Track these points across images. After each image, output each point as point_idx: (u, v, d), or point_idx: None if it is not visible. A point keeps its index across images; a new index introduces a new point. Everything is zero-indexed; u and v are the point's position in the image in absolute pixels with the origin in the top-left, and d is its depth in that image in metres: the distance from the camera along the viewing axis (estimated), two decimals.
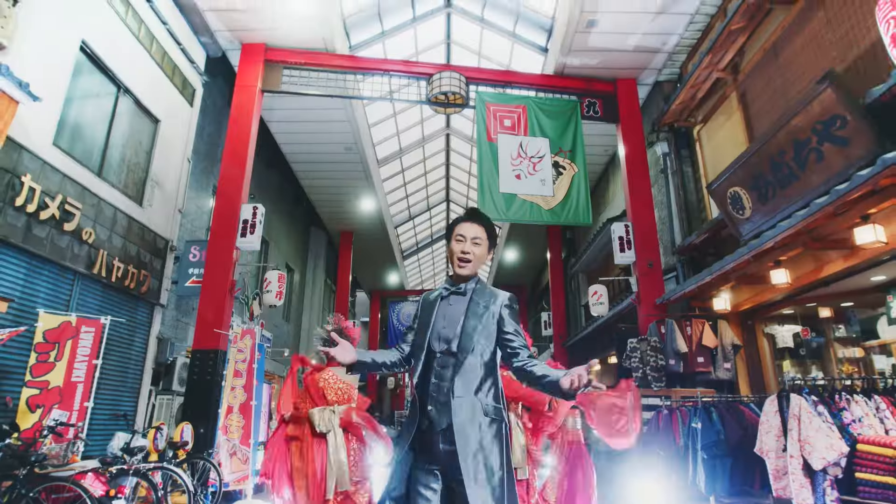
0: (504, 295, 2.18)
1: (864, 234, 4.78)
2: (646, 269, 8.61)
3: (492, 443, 1.92)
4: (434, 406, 1.99)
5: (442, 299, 2.18)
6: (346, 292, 17.91)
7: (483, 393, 2.00)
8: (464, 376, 1.99)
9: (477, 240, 2.16)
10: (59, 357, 5.36)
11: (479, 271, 2.23)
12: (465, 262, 2.14)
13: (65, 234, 5.68)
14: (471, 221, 2.19)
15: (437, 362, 2.06)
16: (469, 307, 2.11)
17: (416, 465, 1.98)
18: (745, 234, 6.59)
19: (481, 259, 2.18)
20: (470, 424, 1.92)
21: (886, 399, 4.14)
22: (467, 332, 2.05)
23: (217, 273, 7.45)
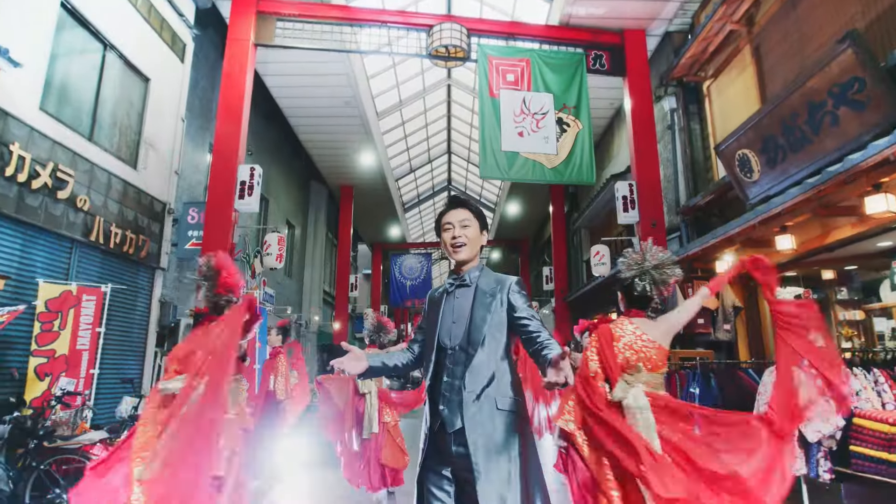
0: (510, 280, 2.09)
1: (876, 204, 4.66)
2: (649, 230, 8.50)
3: (505, 437, 1.85)
4: (446, 406, 1.92)
5: (448, 294, 2.11)
6: (347, 246, 17.91)
7: (496, 386, 1.92)
8: (475, 371, 1.92)
9: (465, 222, 2.09)
10: (63, 326, 5.40)
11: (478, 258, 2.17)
12: (458, 246, 2.08)
13: (59, 202, 5.58)
14: (455, 208, 2.14)
15: (448, 359, 1.99)
16: (476, 298, 2.04)
17: (428, 467, 1.94)
18: (751, 197, 6.46)
19: (475, 241, 2.11)
20: (481, 422, 1.85)
21: (885, 372, 4.15)
22: (476, 324, 1.98)
23: (216, 236, 7.38)
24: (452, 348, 1.99)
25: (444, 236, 2.12)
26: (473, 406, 1.87)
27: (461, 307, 2.05)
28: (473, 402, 1.88)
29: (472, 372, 1.92)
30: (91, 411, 5.28)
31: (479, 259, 2.16)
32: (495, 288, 2.05)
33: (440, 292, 2.17)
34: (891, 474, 3.45)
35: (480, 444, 1.81)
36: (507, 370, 1.97)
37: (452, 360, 1.97)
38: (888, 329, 6.78)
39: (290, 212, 14.93)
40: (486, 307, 2.01)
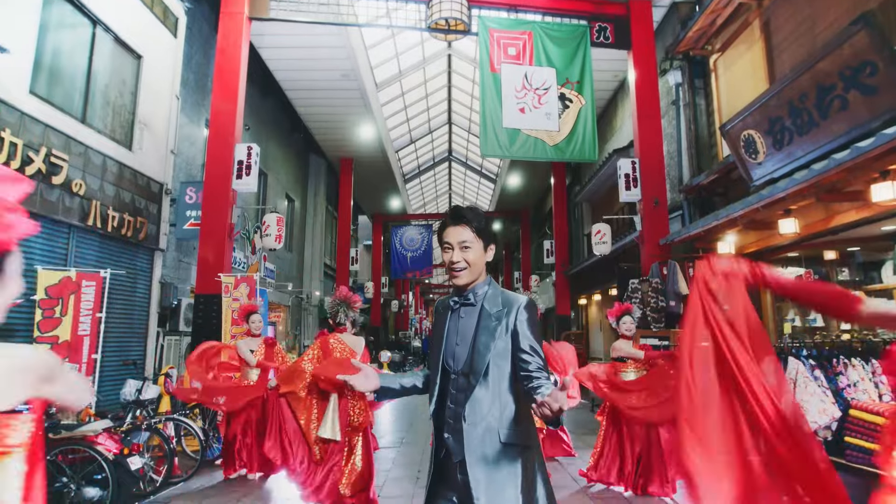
0: (520, 301, 1.88)
1: (883, 192, 4.59)
2: (651, 208, 8.44)
3: (508, 472, 1.73)
4: (451, 435, 1.80)
5: (452, 311, 1.94)
6: (347, 219, 17.85)
7: (499, 417, 1.78)
8: (476, 401, 1.78)
9: (466, 244, 1.86)
10: (64, 312, 5.42)
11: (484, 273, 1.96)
12: (457, 271, 1.87)
13: (54, 187, 5.52)
14: (454, 224, 1.90)
15: (452, 385, 1.85)
16: (480, 321, 1.86)
17: (435, 492, 1.86)
18: (755, 179, 6.37)
19: (478, 263, 1.89)
20: (483, 456, 1.75)
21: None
22: (479, 350, 1.81)
23: (214, 217, 7.33)
24: (455, 373, 1.86)
25: (444, 255, 1.93)
26: (475, 438, 1.76)
27: (465, 329, 1.89)
28: (475, 433, 1.77)
29: (474, 402, 1.79)
30: (95, 397, 5.34)
31: (485, 273, 1.96)
32: (502, 311, 1.86)
33: (445, 307, 1.99)
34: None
35: (482, 478, 1.71)
36: (512, 400, 1.82)
37: (456, 387, 1.84)
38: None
39: (289, 185, 14.81)
40: (490, 333, 1.83)
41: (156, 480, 4.83)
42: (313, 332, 16.44)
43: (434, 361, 1.93)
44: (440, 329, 1.95)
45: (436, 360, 1.91)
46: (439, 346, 1.92)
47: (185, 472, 5.31)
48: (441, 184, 26.37)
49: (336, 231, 18.50)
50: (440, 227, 1.98)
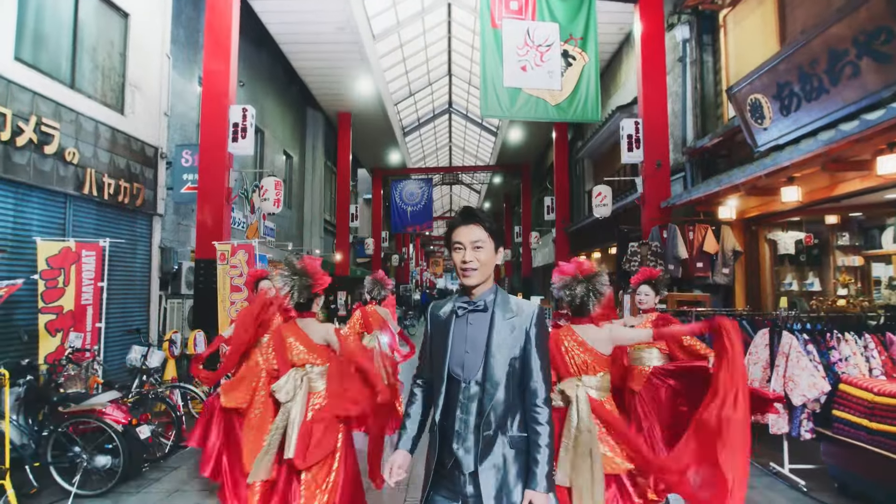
0: (530, 309, 1.85)
1: (889, 164, 4.52)
2: (653, 170, 8.32)
3: (517, 474, 1.77)
4: (461, 446, 1.77)
5: (458, 317, 1.86)
6: (346, 175, 17.66)
7: (512, 424, 1.80)
8: (492, 409, 1.76)
9: (478, 243, 1.81)
10: (67, 282, 5.44)
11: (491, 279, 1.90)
12: (469, 271, 1.82)
13: (47, 157, 5.43)
14: (466, 224, 1.84)
15: (461, 394, 1.79)
16: (493, 327, 1.81)
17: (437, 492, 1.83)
18: (760, 144, 6.25)
19: (489, 264, 1.84)
20: (496, 464, 1.75)
21: (876, 338, 4.22)
22: (496, 358, 1.77)
23: (211, 182, 7.25)
24: (466, 381, 1.80)
25: (454, 256, 1.86)
26: (488, 447, 1.75)
27: (476, 336, 1.82)
28: (488, 442, 1.75)
29: (489, 410, 1.76)
30: (101, 367, 5.45)
31: (491, 280, 1.90)
32: (515, 318, 1.83)
33: (447, 312, 1.91)
34: (870, 441, 3.60)
35: (493, 485, 1.72)
36: (521, 404, 1.83)
37: (466, 395, 1.79)
38: (885, 275, 6.80)
39: (286, 141, 14.57)
40: (505, 339, 1.80)
41: (165, 445, 5.00)
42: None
43: (439, 370, 1.84)
44: (443, 336, 1.86)
45: (440, 369, 1.83)
46: (444, 354, 1.83)
47: None
48: (441, 136, 25.95)
49: (335, 186, 18.33)
50: (450, 226, 1.92)
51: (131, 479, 4.30)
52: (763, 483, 4.22)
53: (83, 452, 4.11)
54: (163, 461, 4.82)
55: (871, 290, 6.93)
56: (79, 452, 4.12)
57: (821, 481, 4.10)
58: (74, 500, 3.92)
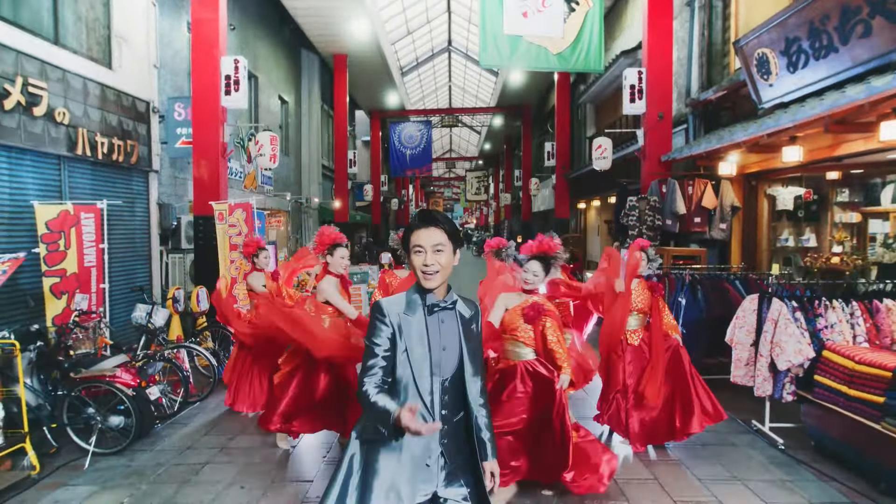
0: (475, 309, 1.99)
1: (891, 131, 4.45)
2: (655, 123, 8.17)
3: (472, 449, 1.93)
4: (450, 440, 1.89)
5: (430, 316, 1.88)
6: (343, 118, 17.30)
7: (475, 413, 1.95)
8: (471, 400, 1.90)
9: (439, 247, 1.83)
10: (68, 245, 5.48)
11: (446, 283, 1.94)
12: (430, 274, 1.83)
13: (36, 119, 5.33)
14: (427, 227, 1.85)
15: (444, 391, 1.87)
16: (462, 324, 1.91)
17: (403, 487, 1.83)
18: (764, 100, 6.11)
19: (448, 266, 1.87)
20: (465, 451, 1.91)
21: (862, 305, 4.31)
22: (472, 352, 1.91)
23: (206, 137, 7.15)
24: (446, 379, 1.87)
25: (413, 259, 1.86)
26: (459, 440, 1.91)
27: (449, 334, 1.88)
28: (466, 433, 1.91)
29: (469, 402, 1.89)
30: (108, 328, 5.59)
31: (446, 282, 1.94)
32: (472, 314, 1.95)
33: (411, 313, 1.88)
34: (847, 407, 3.77)
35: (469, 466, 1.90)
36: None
37: (447, 391, 1.87)
38: (881, 233, 6.81)
39: (281, 85, 14.17)
40: (472, 334, 1.93)
41: (174, 402, 5.23)
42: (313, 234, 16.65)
43: (419, 369, 1.84)
44: (415, 334, 1.85)
45: (420, 368, 1.83)
46: (424, 352, 1.84)
47: (202, 391, 5.71)
48: (441, 77, 25.21)
49: (333, 131, 18.00)
50: (409, 227, 1.91)
51: (144, 437, 4.53)
52: (744, 441, 4.44)
53: (97, 414, 4.30)
54: (173, 418, 5.05)
55: (867, 246, 6.97)
56: (93, 414, 4.31)
57: (798, 440, 4.32)
58: (92, 458, 4.15)
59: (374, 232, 23.06)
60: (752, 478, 3.78)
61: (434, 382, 1.85)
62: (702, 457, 4.14)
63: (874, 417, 3.53)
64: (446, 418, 1.87)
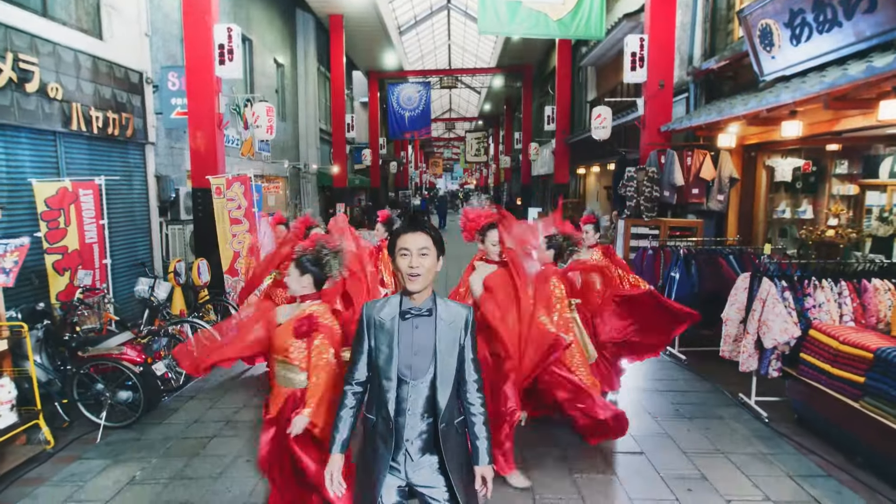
0: (465, 312, 2.02)
1: (890, 110, 4.42)
2: (656, 91, 8.07)
3: (466, 455, 2.03)
4: (414, 438, 1.97)
5: (403, 321, 1.97)
6: (340, 79, 17.02)
7: (455, 412, 2.02)
8: (443, 404, 1.96)
9: (424, 250, 1.93)
10: (68, 223, 5.53)
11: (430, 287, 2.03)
12: (415, 276, 1.93)
13: (30, 95, 5.28)
14: (413, 231, 1.95)
15: (409, 392, 1.95)
16: (438, 330, 1.96)
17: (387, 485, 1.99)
18: (766, 72, 6.04)
19: (432, 270, 1.96)
20: (453, 449, 1.99)
21: (851, 285, 4.39)
22: (444, 358, 1.96)
23: (201, 108, 7.09)
24: (414, 380, 1.95)
25: (399, 262, 1.96)
26: (446, 437, 1.96)
27: (423, 339, 1.96)
28: (444, 432, 1.96)
29: (440, 405, 1.95)
30: (112, 305, 5.70)
31: (430, 287, 2.02)
32: (455, 320, 1.99)
33: (388, 316, 1.98)
34: (829, 385, 3.90)
35: (455, 467, 1.96)
36: (456, 394, 2.04)
37: (416, 393, 1.95)
38: (878, 205, 6.83)
39: (276, 48, 13.87)
40: (450, 340, 1.97)
41: (180, 374, 5.38)
42: (313, 200, 16.65)
43: (386, 371, 1.96)
44: (388, 339, 1.96)
45: (388, 370, 1.95)
46: (391, 356, 1.95)
47: None
48: (440, 35, 24.57)
49: (330, 93, 17.71)
50: (395, 232, 2.01)
51: (153, 411, 4.70)
52: (730, 413, 4.61)
53: (106, 390, 4.45)
54: (179, 391, 5.21)
55: (863, 219, 7.00)
56: (102, 390, 4.46)
57: (782, 413, 4.49)
58: (103, 431, 4.32)
59: (374, 195, 22.98)
60: (735, 451, 3.95)
61: (400, 385, 1.95)
62: (689, 429, 4.31)
63: (854, 396, 3.67)
64: (411, 421, 1.96)
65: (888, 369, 3.43)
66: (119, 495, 3.50)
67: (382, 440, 1.98)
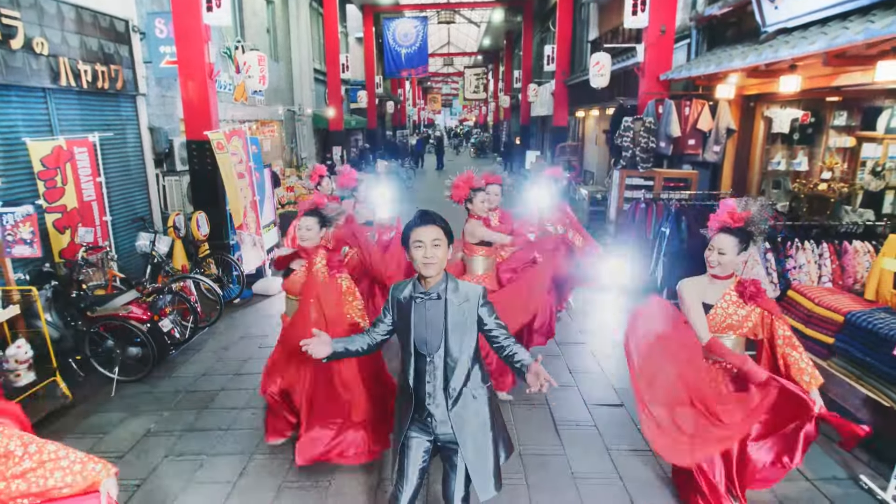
0: (476, 292, 2.23)
1: (887, 70, 4.38)
2: (657, 38, 7.86)
3: (481, 419, 2.25)
4: (432, 404, 2.23)
5: (416, 304, 2.21)
6: (333, 15, 16.39)
7: (471, 383, 2.24)
8: (454, 376, 2.20)
9: (436, 241, 2.14)
10: (65, 181, 5.57)
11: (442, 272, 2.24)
12: (429, 265, 2.15)
13: (15, 52, 5.17)
14: (426, 225, 2.16)
15: (427, 366, 2.21)
16: (448, 312, 2.18)
17: (410, 436, 2.31)
18: (768, 23, 5.90)
19: (444, 259, 2.19)
20: (463, 415, 2.22)
21: (832, 247, 4.53)
22: (453, 338, 2.18)
23: (190, 58, 6.88)
24: (430, 355, 2.20)
25: (413, 253, 2.17)
26: (456, 404, 2.21)
27: (434, 319, 2.19)
28: (456, 400, 2.21)
29: (452, 377, 2.19)
30: (115, 262, 5.83)
31: (443, 271, 2.23)
32: (464, 302, 2.19)
33: (406, 297, 2.25)
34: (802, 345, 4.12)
35: (464, 428, 2.22)
36: (478, 367, 2.27)
37: (433, 366, 2.20)
38: (872, 158, 6.83)
39: None
40: (460, 322, 2.18)
41: (186, 328, 5.61)
42: (309, 144, 16.45)
43: (406, 345, 2.25)
44: (405, 318, 2.24)
45: (408, 345, 2.24)
46: (409, 333, 2.23)
47: (209, 315, 6.09)
48: None
49: (323, 29, 17.06)
50: (409, 226, 2.21)
51: (162, 364, 4.96)
52: None
53: (116, 347, 4.69)
54: (185, 345, 5.45)
55: (857, 171, 7.03)
56: (112, 347, 4.69)
57: None
58: (117, 385, 4.59)
59: (370, 136, 22.65)
60: None
61: (419, 358, 2.23)
62: None
63: (823, 355, 3.89)
64: (430, 388, 2.23)
65: (856, 333, 3.63)
66: (137, 446, 3.80)
67: (406, 401, 2.30)
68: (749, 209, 2.62)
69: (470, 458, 2.22)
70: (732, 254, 2.61)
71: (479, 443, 2.24)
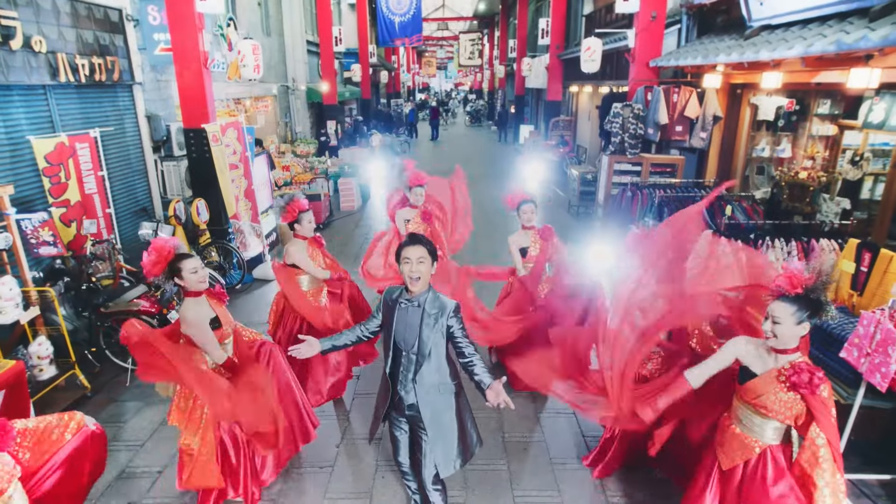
0: (450, 306, 2.62)
1: (858, 78, 4.58)
2: (647, 23, 7.93)
3: (445, 407, 2.67)
4: (403, 389, 2.67)
5: (400, 308, 2.64)
6: None
7: (439, 378, 2.64)
8: (424, 371, 2.61)
9: (421, 259, 2.55)
10: (68, 176, 5.76)
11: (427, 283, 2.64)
12: (415, 279, 2.56)
13: (15, 52, 5.27)
14: (414, 245, 2.57)
15: (403, 358, 2.65)
16: (423, 319, 2.58)
17: (389, 414, 2.81)
18: (754, 18, 6.03)
19: (427, 275, 2.60)
20: (430, 401, 2.64)
21: (800, 245, 4.81)
22: (424, 340, 2.59)
23: (185, 46, 6.95)
24: (406, 352, 2.63)
25: (403, 267, 2.58)
26: (423, 392, 2.63)
27: (412, 322, 2.60)
28: (422, 389, 2.63)
29: (422, 372, 2.60)
30: (122, 254, 6.06)
31: (427, 283, 2.64)
32: (438, 312, 2.59)
33: (394, 301, 2.67)
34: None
35: (428, 413, 2.64)
36: (446, 365, 2.67)
37: (406, 360, 2.64)
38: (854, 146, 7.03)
39: None
40: (430, 327, 2.58)
41: None
42: (304, 118, 16.42)
43: (387, 340, 2.71)
44: (390, 317, 2.67)
45: (388, 339, 2.69)
46: (390, 330, 2.66)
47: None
48: None
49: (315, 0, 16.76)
50: (400, 246, 2.63)
51: None
52: None
53: None
54: None
55: (838, 159, 7.26)
56: None
57: None
58: (131, 375, 4.91)
59: (364, 106, 22.51)
60: None
61: (398, 353, 2.68)
62: None
63: None
64: (403, 379, 2.67)
65: (812, 332, 3.95)
66: (155, 434, 4.14)
67: (385, 388, 2.78)
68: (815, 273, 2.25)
69: (431, 435, 2.65)
70: (789, 323, 2.23)
71: (442, 421, 2.66)
